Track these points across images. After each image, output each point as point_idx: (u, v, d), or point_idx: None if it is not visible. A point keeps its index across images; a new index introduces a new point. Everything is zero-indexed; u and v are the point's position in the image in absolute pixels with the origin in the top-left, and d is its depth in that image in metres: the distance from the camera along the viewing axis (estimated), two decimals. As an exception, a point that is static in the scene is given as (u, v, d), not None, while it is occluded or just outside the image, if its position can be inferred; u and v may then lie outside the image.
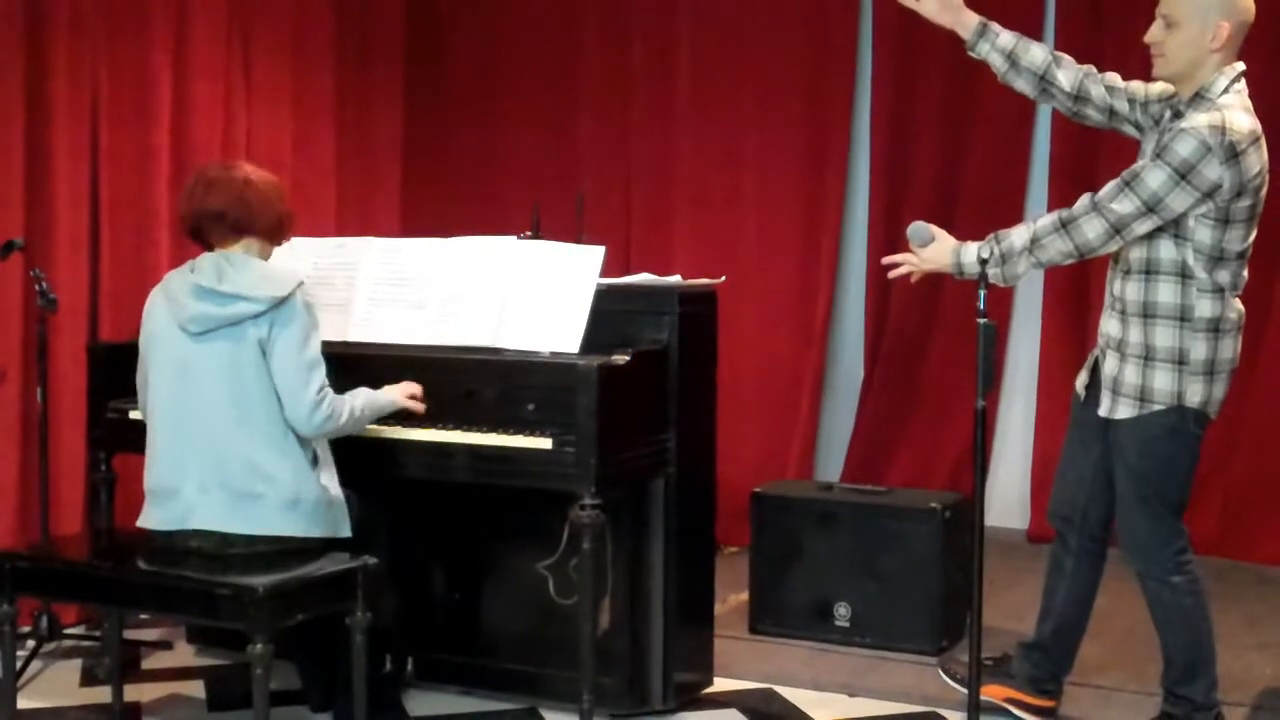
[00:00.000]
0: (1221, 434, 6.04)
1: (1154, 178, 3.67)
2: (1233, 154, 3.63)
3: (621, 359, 3.88)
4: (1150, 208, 3.69)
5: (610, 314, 4.09)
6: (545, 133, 7.16)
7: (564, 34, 7.15)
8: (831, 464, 6.84)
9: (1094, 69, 4.05)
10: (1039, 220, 3.86)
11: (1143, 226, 3.73)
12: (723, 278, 4.48)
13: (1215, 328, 3.78)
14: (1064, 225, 3.79)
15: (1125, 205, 3.71)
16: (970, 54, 4.12)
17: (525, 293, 4.11)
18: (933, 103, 6.63)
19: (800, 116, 6.74)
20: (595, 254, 4.08)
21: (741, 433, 6.31)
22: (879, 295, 6.74)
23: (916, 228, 3.95)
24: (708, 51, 6.85)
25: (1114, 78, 4.04)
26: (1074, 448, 4.11)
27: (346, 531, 3.81)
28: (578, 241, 4.29)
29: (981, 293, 3.59)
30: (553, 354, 3.98)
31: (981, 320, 3.57)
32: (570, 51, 7.15)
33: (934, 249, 3.94)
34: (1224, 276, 3.76)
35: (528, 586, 4.26)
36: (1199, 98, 3.75)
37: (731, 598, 5.29)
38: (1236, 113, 3.69)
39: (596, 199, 6.47)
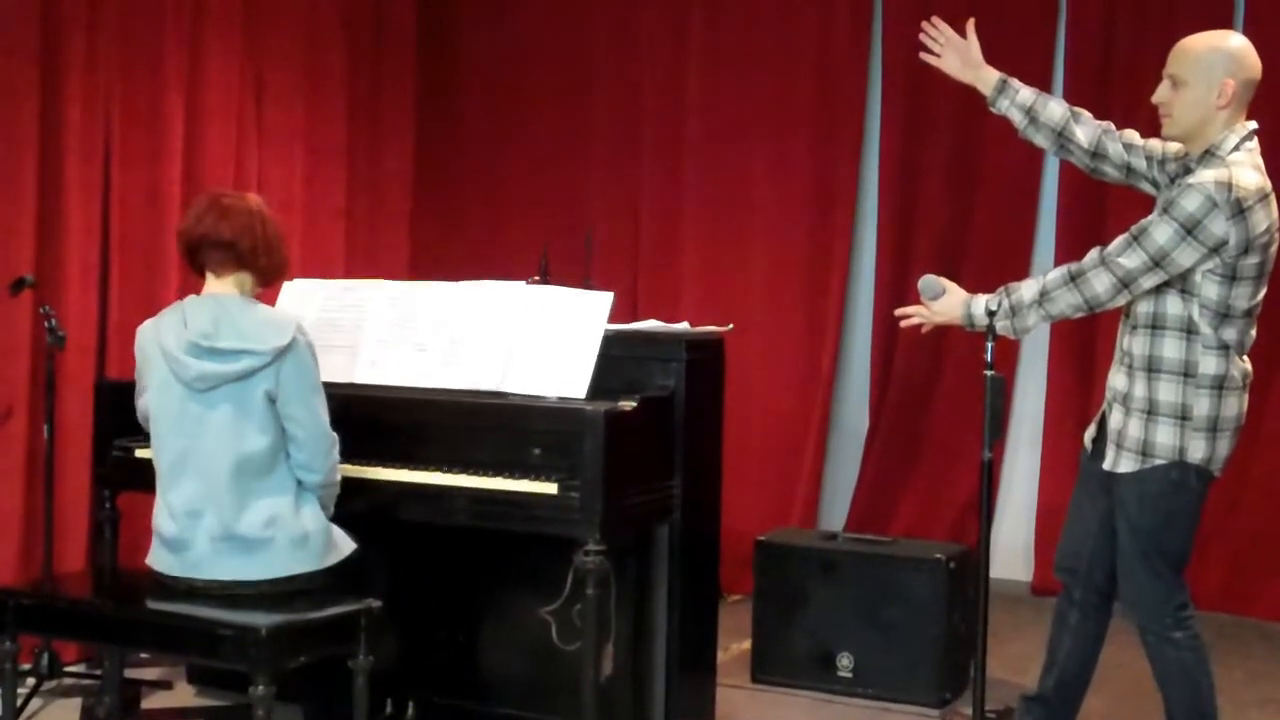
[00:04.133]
0: (1225, 490, 6.04)
1: (1161, 233, 3.69)
2: (1239, 210, 3.64)
3: (628, 405, 3.88)
4: (1157, 262, 3.70)
5: (617, 360, 4.10)
6: (554, 176, 7.20)
7: (575, 77, 7.20)
8: (836, 513, 6.83)
9: (1112, 126, 4.07)
10: (1049, 274, 3.87)
11: (1149, 281, 3.74)
12: (730, 326, 4.48)
13: (1219, 385, 3.78)
14: (1073, 279, 3.80)
15: (1132, 260, 3.72)
16: (991, 109, 4.15)
17: (533, 337, 4.11)
18: (941, 153, 6.66)
19: (809, 164, 6.78)
20: (603, 300, 4.09)
21: (746, 480, 6.31)
22: (885, 345, 6.75)
23: (927, 281, 3.97)
24: (717, 98, 6.90)
25: (1132, 135, 4.06)
26: (1081, 501, 4.11)
27: (352, 545, 3.81)
28: (585, 285, 4.30)
29: (989, 345, 3.60)
30: (559, 399, 3.98)
31: (989, 372, 3.57)
32: (581, 95, 7.20)
33: (944, 302, 3.96)
34: (1230, 334, 3.76)
35: (530, 631, 4.24)
36: (1209, 155, 3.77)
37: (734, 646, 5.28)
38: (1245, 169, 3.70)
39: (604, 243, 6.49)
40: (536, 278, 4.51)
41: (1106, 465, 3.92)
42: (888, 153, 6.75)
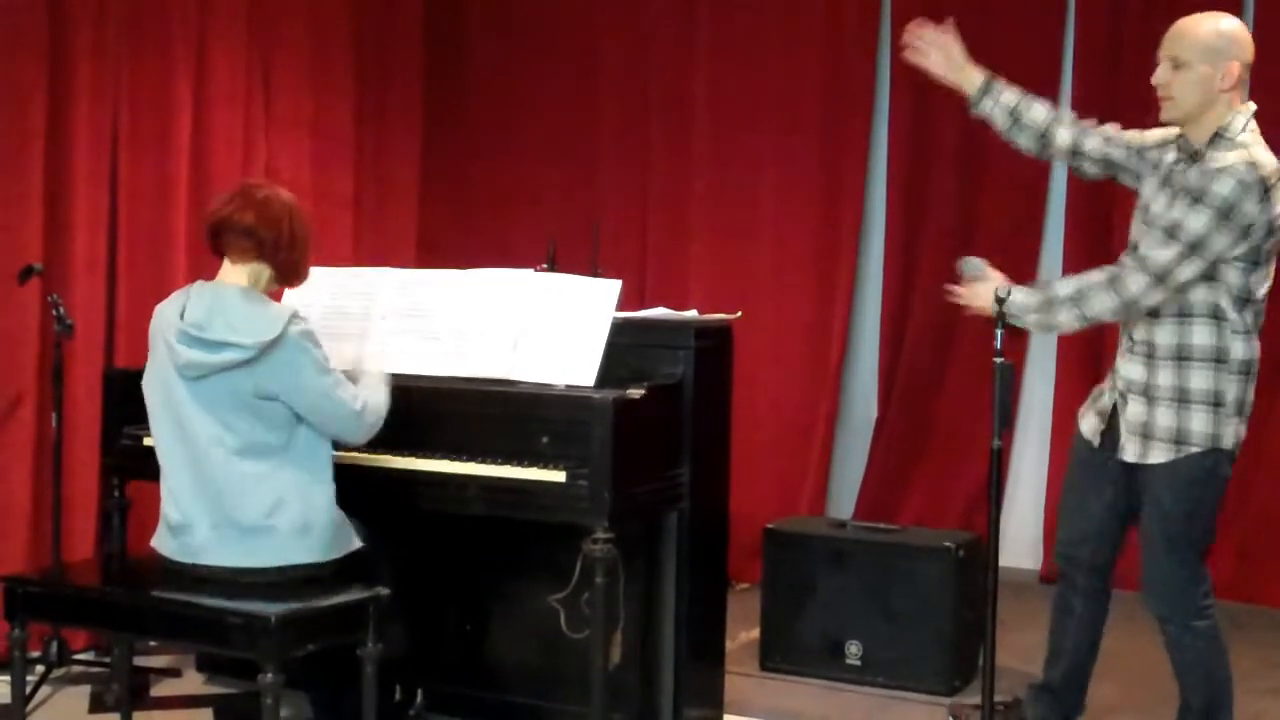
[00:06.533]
0: (1237, 477, 6.00)
1: (1196, 221, 3.66)
2: (1265, 191, 3.63)
3: (636, 393, 3.87)
4: (1193, 249, 3.66)
5: (626, 348, 4.08)
6: (562, 165, 7.19)
7: (583, 66, 7.19)
8: (844, 501, 6.83)
9: (1094, 123, 4.05)
10: (1088, 274, 3.84)
11: (1187, 271, 3.70)
12: (739, 313, 4.47)
13: (1247, 370, 3.79)
14: (1110, 281, 3.77)
15: (1166, 252, 3.69)
16: (972, 112, 4.12)
17: (541, 325, 4.11)
18: (950, 141, 6.64)
19: (817, 153, 6.76)
20: (612, 287, 4.08)
21: (755, 469, 6.30)
22: (894, 333, 6.74)
23: (969, 263, 3.93)
24: (725, 87, 6.88)
25: (1111, 128, 4.05)
26: (1082, 491, 4.07)
27: (359, 543, 3.79)
28: (593, 273, 4.30)
29: (999, 333, 3.59)
30: (568, 387, 3.97)
31: (999, 360, 3.56)
32: (589, 84, 7.19)
33: (978, 288, 3.91)
34: (1250, 317, 3.76)
35: (539, 619, 4.24)
36: (1219, 138, 3.75)
37: (743, 634, 5.28)
38: (1261, 150, 3.70)
39: (612, 232, 6.49)
40: (545, 266, 4.50)
41: (1130, 457, 3.88)
42: (896, 142, 6.74)
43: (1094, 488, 4.04)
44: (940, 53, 4.11)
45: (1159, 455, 3.84)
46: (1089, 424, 4.07)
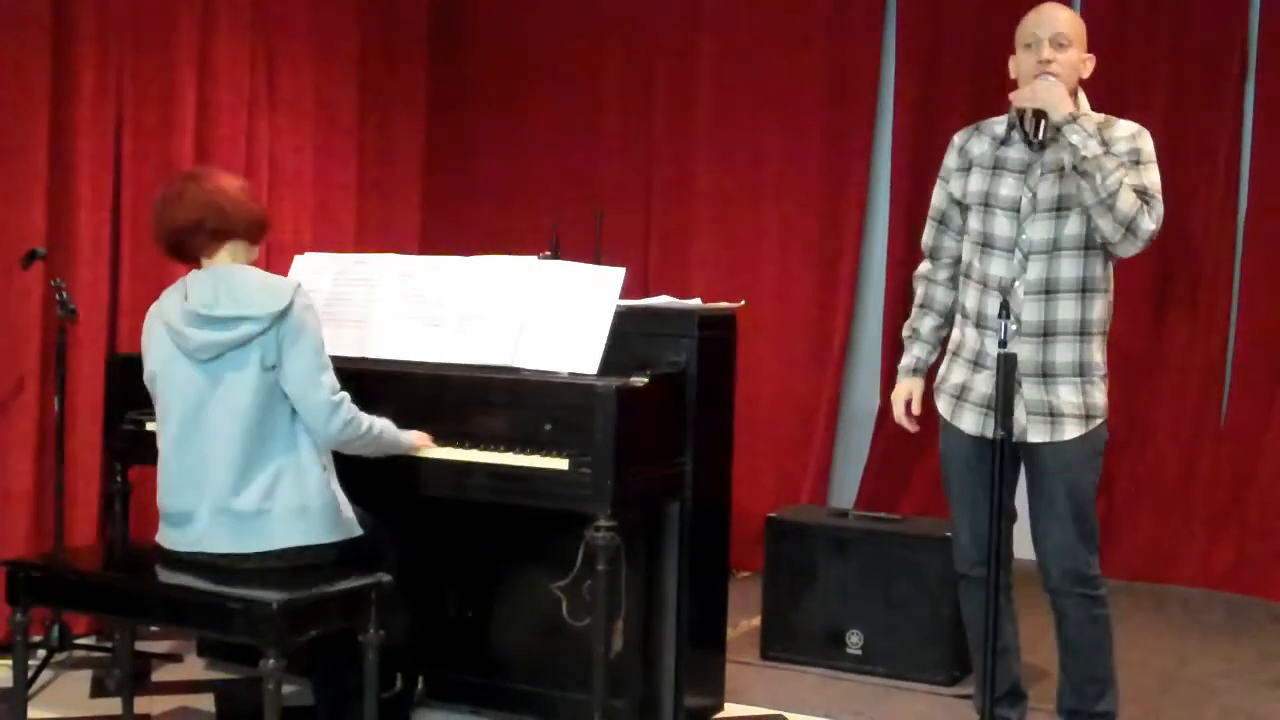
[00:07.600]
0: (1238, 470, 6.03)
1: (1152, 176, 3.75)
2: None
3: (640, 381, 3.87)
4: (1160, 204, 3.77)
5: (629, 336, 4.09)
6: (566, 154, 7.18)
7: (588, 56, 7.18)
8: (846, 491, 6.83)
9: (932, 296, 4.23)
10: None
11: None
12: (742, 302, 4.48)
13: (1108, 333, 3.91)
14: (1145, 204, 3.73)
15: (1160, 209, 3.75)
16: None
17: (544, 313, 4.10)
18: (952, 133, 6.62)
19: (821, 143, 6.76)
20: (615, 275, 4.08)
21: (757, 458, 6.31)
22: (896, 323, 6.71)
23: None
24: (730, 77, 6.88)
25: (939, 269, 4.20)
26: (975, 489, 3.97)
27: (358, 531, 3.79)
28: (596, 262, 4.30)
29: (1003, 323, 3.58)
30: (571, 374, 3.97)
31: (1001, 350, 3.56)
32: (593, 74, 7.18)
33: (1057, 88, 3.76)
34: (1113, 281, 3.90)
35: (541, 607, 4.25)
36: (1085, 117, 3.79)
37: (743, 623, 5.29)
38: None
39: (616, 221, 6.45)
40: (548, 254, 4.50)
41: (1037, 438, 3.86)
42: (900, 130, 6.73)
43: (980, 483, 3.90)
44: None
45: (1072, 430, 3.84)
46: (972, 420, 3.97)
